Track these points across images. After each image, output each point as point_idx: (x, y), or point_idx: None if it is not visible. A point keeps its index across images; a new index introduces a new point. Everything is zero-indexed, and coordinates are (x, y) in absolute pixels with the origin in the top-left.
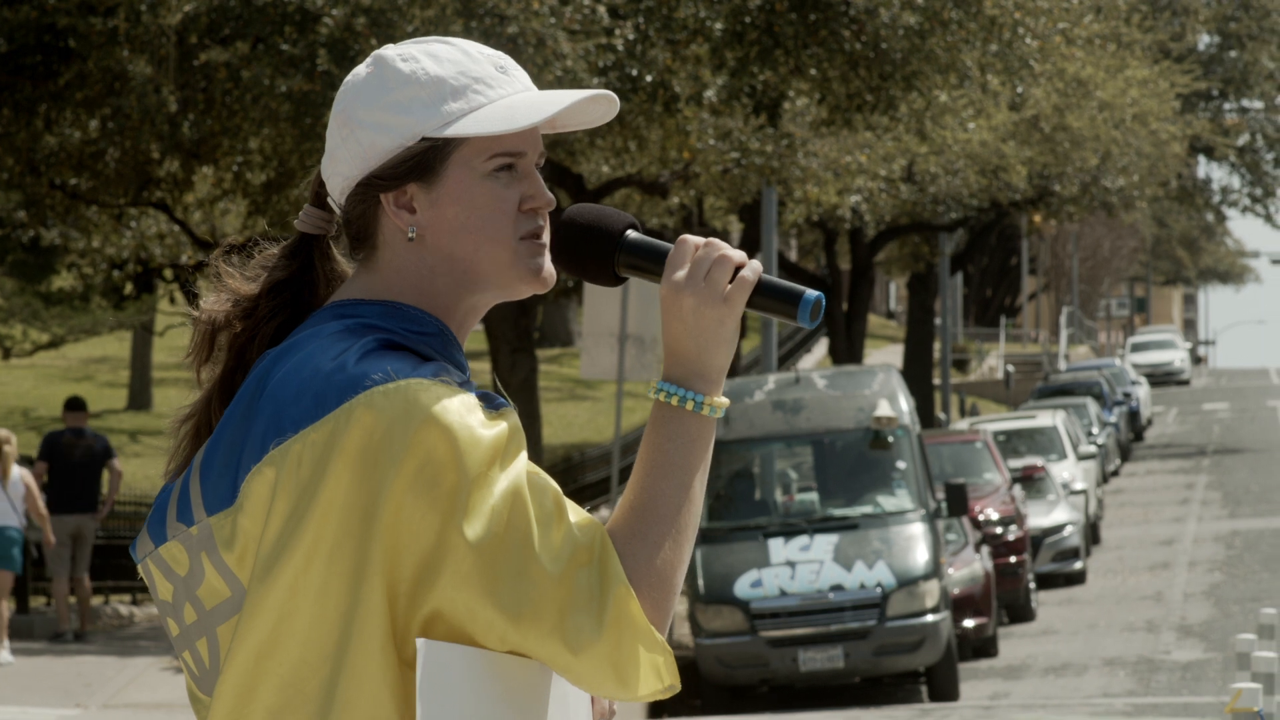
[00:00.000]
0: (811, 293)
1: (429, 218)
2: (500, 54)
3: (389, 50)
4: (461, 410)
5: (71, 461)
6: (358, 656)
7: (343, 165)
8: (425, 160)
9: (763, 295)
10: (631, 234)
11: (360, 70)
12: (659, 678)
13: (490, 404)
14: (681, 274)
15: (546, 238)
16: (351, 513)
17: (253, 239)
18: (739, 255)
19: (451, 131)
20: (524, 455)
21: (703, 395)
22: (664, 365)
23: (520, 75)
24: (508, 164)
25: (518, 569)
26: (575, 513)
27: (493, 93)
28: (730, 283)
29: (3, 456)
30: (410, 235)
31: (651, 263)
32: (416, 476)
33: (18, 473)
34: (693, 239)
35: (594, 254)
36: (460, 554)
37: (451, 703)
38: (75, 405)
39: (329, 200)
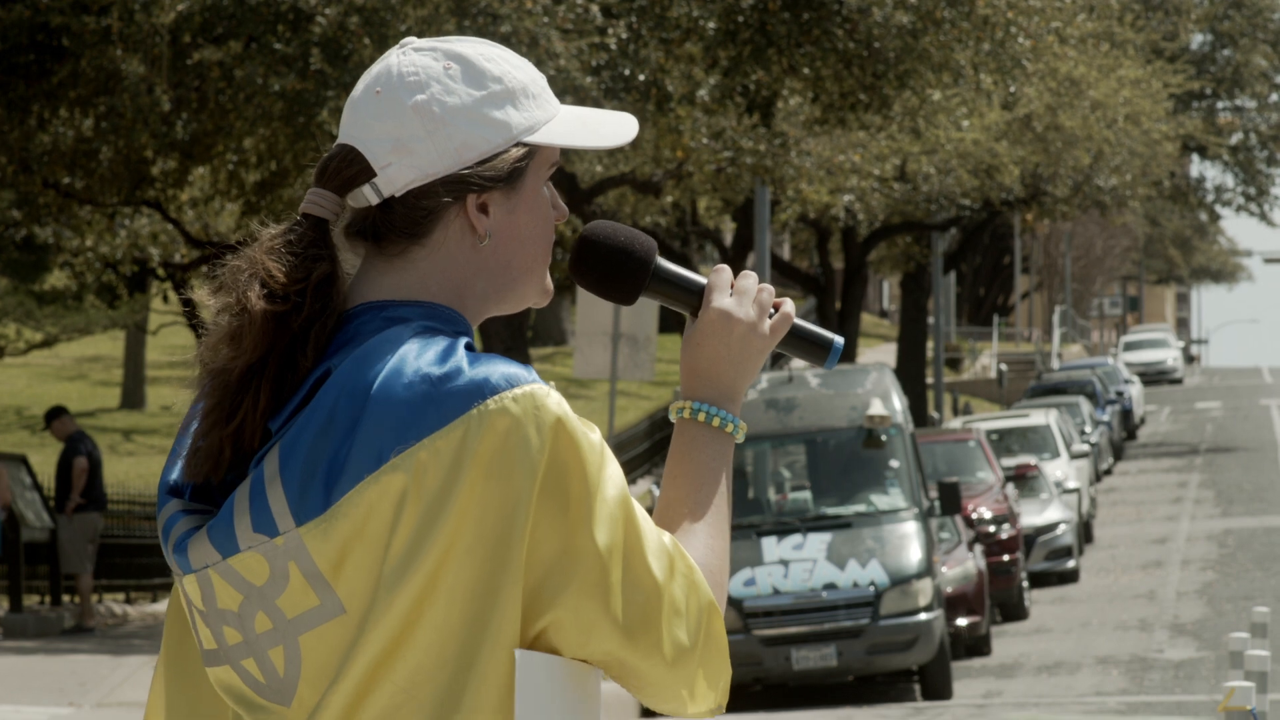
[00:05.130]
0: (839, 341)
1: (502, 224)
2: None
3: (456, 45)
4: (575, 415)
5: (95, 462)
6: (492, 663)
7: (421, 159)
8: (518, 165)
9: (797, 336)
10: (663, 262)
11: (428, 63)
12: (716, 696)
13: None
14: (730, 300)
15: None
16: (485, 519)
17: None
18: (772, 291)
19: (541, 138)
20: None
21: (738, 419)
22: (691, 385)
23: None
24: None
25: (634, 578)
26: (656, 528)
27: (555, 101)
28: (771, 317)
29: None
30: (485, 240)
31: (683, 293)
32: (547, 482)
33: None
34: (726, 269)
35: (623, 278)
36: (590, 562)
37: (544, 713)
38: (66, 411)
39: (369, 189)
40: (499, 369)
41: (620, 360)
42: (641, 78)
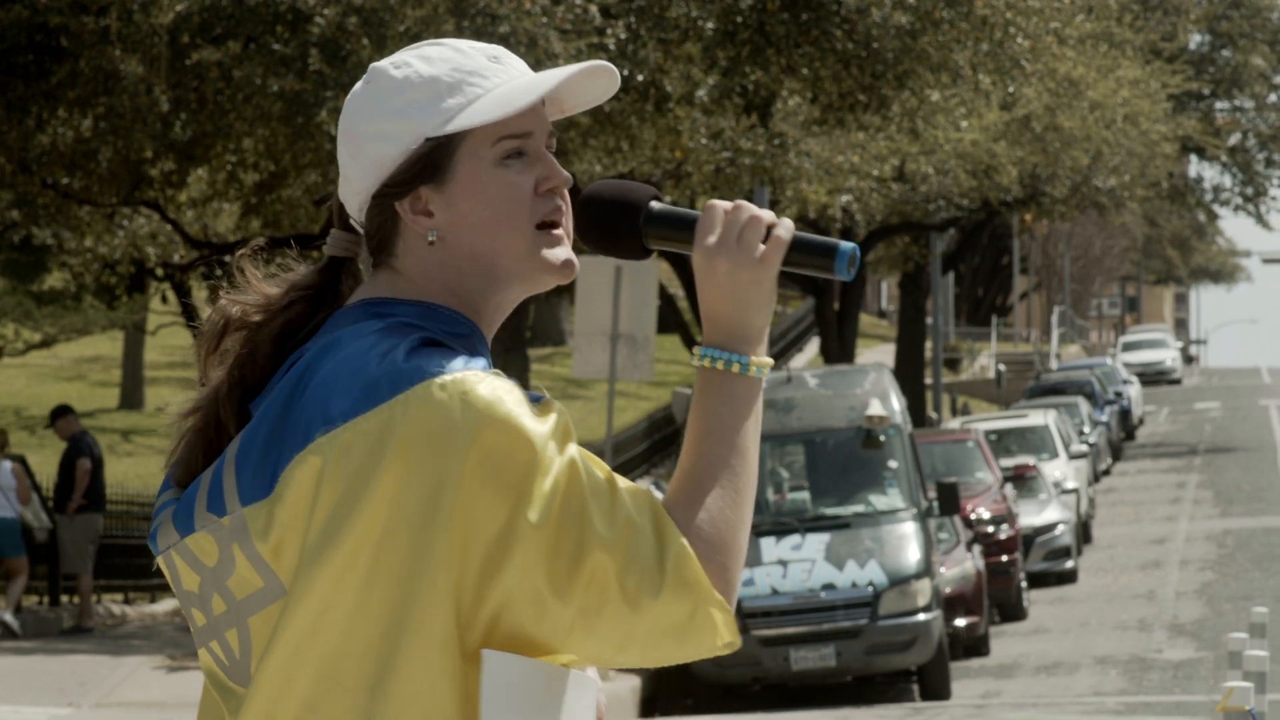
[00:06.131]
0: (846, 245)
1: (446, 218)
2: (494, 46)
3: (383, 62)
4: (516, 401)
5: (97, 462)
6: (416, 650)
7: (356, 182)
8: (431, 160)
9: (798, 252)
10: (656, 205)
11: (358, 87)
12: (717, 634)
13: (533, 401)
14: (713, 238)
15: (567, 223)
16: (405, 504)
17: (276, 240)
18: (769, 215)
19: (452, 127)
20: (574, 440)
21: (746, 356)
22: (705, 331)
23: (515, 63)
24: (516, 149)
25: (579, 545)
26: (630, 489)
27: (487, 83)
28: (764, 242)
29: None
30: (431, 240)
31: (680, 231)
32: (480, 467)
33: (7, 466)
34: (720, 203)
35: (621, 229)
36: (527, 539)
37: (513, 714)
38: (71, 410)
39: (352, 222)
40: (435, 359)
41: (619, 360)
42: (640, 78)
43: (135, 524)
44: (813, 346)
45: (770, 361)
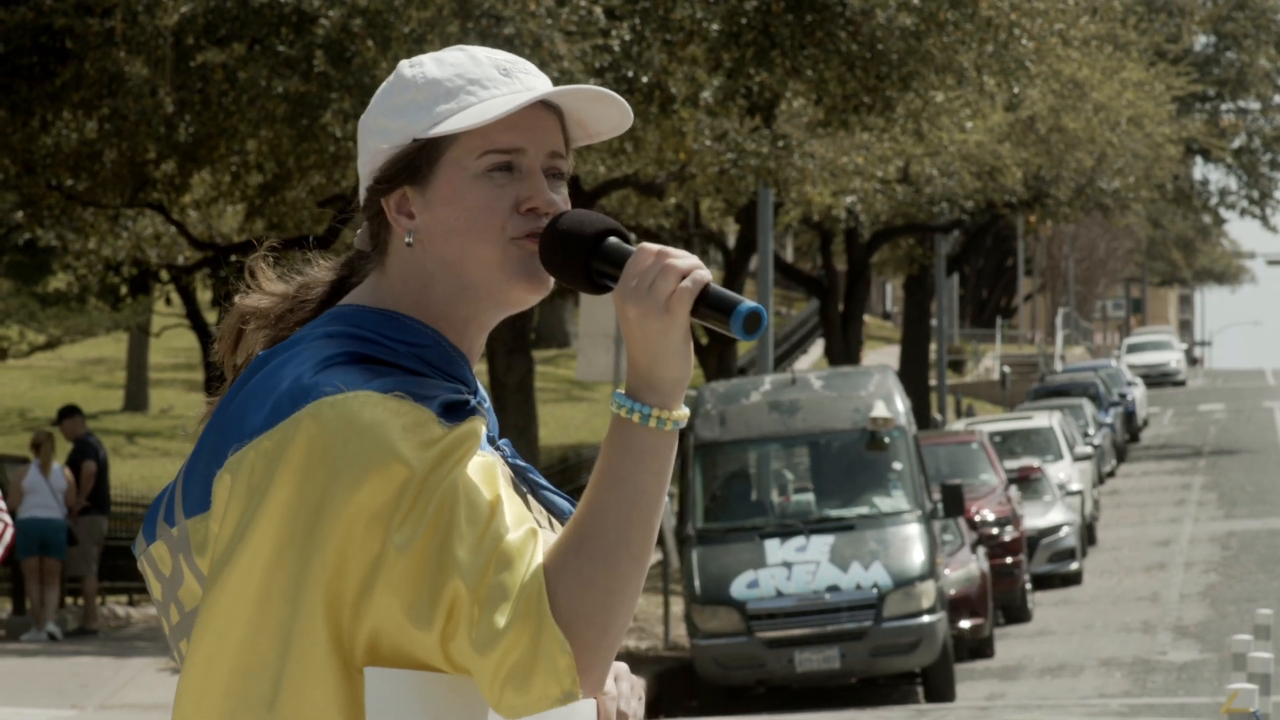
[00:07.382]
0: (747, 304)
1: (425, 221)
2: (513, 58)
3: (405, 60)
4: (403, 424)
5: (102, 464)
6: (298, 666)
7: (363, 173)
8: (415, 161)
9: (706, 306)
10: (611, 241)
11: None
12: (558, 683)
13: (451, 415)
14: (632, 283)
15: None
16: (294, 523)
17: (289, 241)
18: (686, 264)
19: (435, 131)
20: (467, 463)
21: (650, 407)
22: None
23: (528, 79)
24: (503, 163)
25: (437, 572)
26: (514, 521)
27: (485, 93)
28: (672, 293)
29: (46, 452)
30: (408, 240)
31: (619, 270)
32: (357, 490)
33: (58, 468)
34: (651, 248)
35: (570, 261)
36: (391, 563)
37: None
38: (78, 411)
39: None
40: (337, 377)
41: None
42: (645, 80)
43: (139, 526)
44: (817, 348)
45: (684, 415)
